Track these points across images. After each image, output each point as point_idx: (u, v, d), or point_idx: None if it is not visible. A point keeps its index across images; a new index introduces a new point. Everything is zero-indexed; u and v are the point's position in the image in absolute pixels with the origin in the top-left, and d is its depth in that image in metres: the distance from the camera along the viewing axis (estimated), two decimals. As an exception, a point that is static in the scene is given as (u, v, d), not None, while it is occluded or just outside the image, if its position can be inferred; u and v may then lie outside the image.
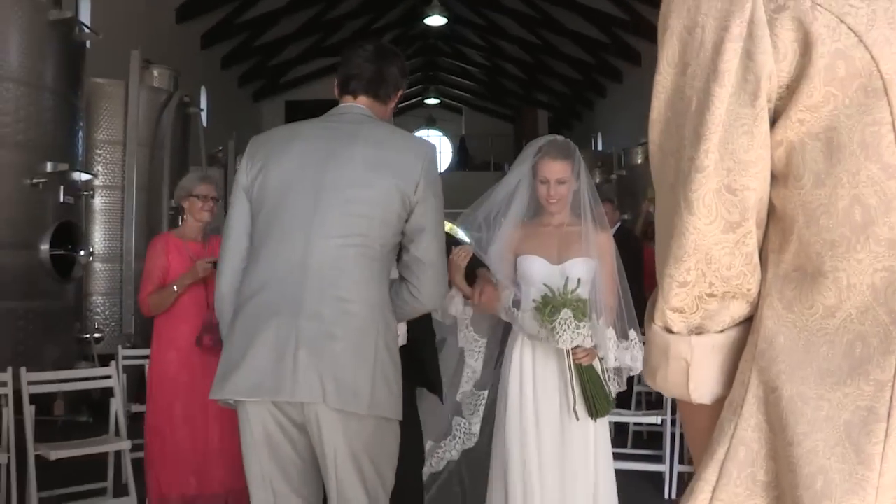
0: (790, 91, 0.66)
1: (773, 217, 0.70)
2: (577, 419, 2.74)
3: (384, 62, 2.23)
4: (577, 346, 2.70)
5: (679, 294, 0.69)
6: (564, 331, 2.64)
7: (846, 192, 0.65)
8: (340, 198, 1.97)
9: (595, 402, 2.73)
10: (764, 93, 0.66)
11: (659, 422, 4.76)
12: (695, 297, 0.70)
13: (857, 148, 0.65)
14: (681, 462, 4.68)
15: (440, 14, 16.11)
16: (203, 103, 12.73)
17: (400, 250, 2.08)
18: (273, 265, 1.97)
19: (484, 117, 23.50)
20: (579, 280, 2.76)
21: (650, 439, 5.61)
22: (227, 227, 2.12)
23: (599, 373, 2.79)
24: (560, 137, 3.11)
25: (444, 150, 23.18)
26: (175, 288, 3.55)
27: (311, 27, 16.59)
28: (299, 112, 19.67)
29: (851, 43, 0.64)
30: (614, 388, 2.95)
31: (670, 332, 0.72)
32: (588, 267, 2.89)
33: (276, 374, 1.87)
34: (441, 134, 24.20)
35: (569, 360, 2.74)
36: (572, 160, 2.93)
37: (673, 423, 4.76)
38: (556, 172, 2.89)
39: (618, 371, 2.93)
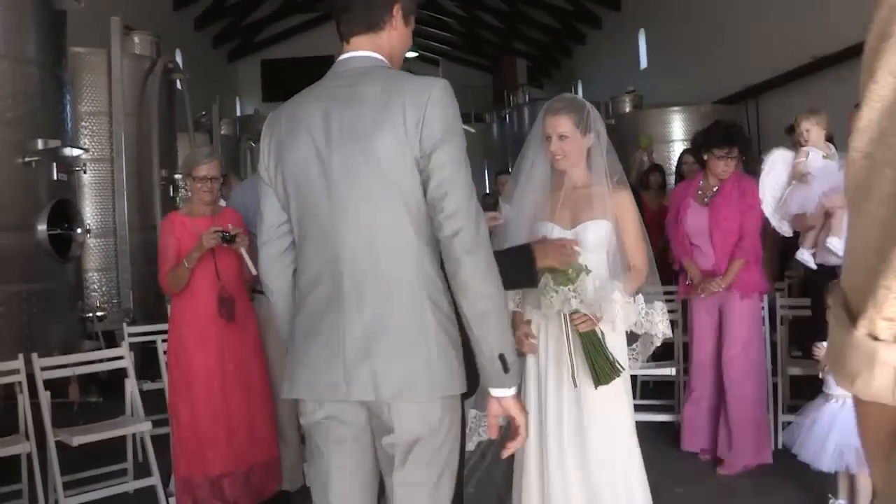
0: None
1: None
2: (575, 386, 2.69)
3: None
4: (574, 312, 2.62)
5: (895, 305, 0.66)
6: (543, 296, 2.60)
7: None
8: (352, 186, 1.83)
9: (596, 367, 2.64)
10: None
11: (672, 373, 4.79)
12: None
13: None
14: (693, 412, 4.73)
15: (416, -36, 15.76)
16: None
17: None
18: (316, 262, 1.90)
19: (462, 68, 23.21)
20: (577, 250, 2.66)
21: (656, 389, 5.67)
22: (259, 218, 2.04)
23: (601, 338, 2.68)
24: (568, 94, 3.02)
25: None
26: (186, 264, 3.52)
27: (284, -17, 16.22)
28: (276, 70, 19.40)
29: None
30: (638, 358, 2.91)
31: (876, 339, 0.69)
32: (602, 230, 2.79)
33: (330, 375, 1.84)
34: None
35: (566, 327, 2.67)
36: (575, 114, 2.79)
37: (685, 371, 4.82)
38: (556, 127, 2.79)
39: (640, 339, 2.88)
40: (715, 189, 4.28)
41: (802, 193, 4.02)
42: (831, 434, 3.25)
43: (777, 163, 4.16)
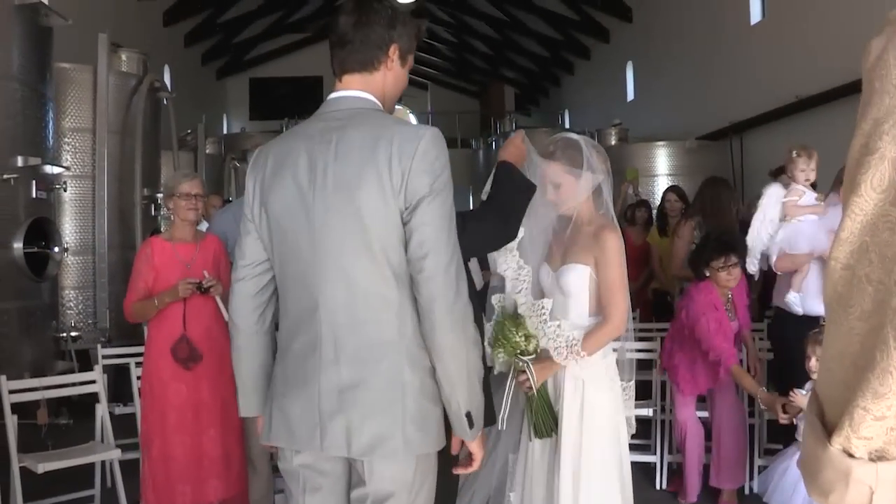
0: None
1: None
2: (530, 440, 2.70)
3: (361, 22, 1.86)
4: (522, 371, 2.63)
5: (872, 426, 0.66)
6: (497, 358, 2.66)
7: None
8: (333, 237, 1.79)
9: (534, 421, 2.66)
10: None
11: (650, 413, 4.76)
12: (887, 428, 0.66)
13: None
14: (669, 452, 4.71)
15: (408, -10, 15.88)
16: (167, 82, 12.42)
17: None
18: (296, 309, 1.87)
19: (450, 93, 23.34)
20: (514, 301, 2.66)
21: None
22: (237, 253, 2.00)
23: (543, 396, 2.67)
24: (559, 136, 2.86)
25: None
26: (156, 303, 3.46)
27: (275, 3, 16.27)
28: (264, 89, 19.40)
29: None
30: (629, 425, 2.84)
31: (850, 455, 0.67)
32: (581, 273, 2.69)
33: (307, 426, 1.82)
34: (407, 111, 24.00)
35: (511, 383, 2.70)
36: (566, 160, 2.70)
37: (662, 409, 4.79)
38: (547, 175, 2.72)
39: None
40: (730, 296, 4.21)
41: (793, 235, 4.01)
42: (801, 483, 3.23)
43: (772, 198, 4.14)
